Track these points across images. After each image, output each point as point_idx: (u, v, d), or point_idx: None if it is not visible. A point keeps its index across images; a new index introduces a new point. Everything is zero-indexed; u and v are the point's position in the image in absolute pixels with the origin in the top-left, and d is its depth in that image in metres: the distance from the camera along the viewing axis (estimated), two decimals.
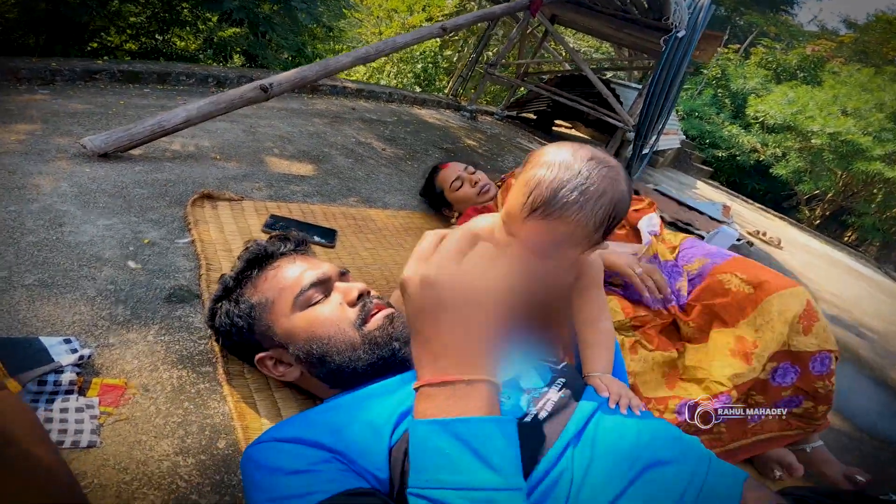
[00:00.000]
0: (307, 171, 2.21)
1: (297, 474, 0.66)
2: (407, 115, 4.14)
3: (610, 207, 0.72)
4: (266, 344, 0.95)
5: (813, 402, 1.21)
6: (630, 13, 4.27)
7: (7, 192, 1.43)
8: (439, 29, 3.32)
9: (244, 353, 1.01)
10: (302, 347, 0.91)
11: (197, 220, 1.50)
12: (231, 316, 0.96)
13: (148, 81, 3.03)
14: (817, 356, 1.17)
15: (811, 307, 1.20)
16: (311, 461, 0.67)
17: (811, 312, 1.19)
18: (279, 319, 0.93)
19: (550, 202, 0.69)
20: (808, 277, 4.11)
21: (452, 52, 8.27)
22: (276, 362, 0.96)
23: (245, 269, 1.00)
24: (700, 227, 3.63)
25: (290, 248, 1.05)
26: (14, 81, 2.50)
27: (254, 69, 4.38)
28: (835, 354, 1.19)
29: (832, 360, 1.18)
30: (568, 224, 0.70)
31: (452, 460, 0.53)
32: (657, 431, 0.74)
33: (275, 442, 0.71)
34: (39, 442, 0.47)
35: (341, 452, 0.69)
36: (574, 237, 0.72)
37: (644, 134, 4.33)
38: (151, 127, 1.90)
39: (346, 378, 0.89)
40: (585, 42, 9.92)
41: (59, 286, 1.14)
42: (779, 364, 1.18)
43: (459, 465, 0.52)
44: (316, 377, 0.94)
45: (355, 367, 0.88)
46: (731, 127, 9.79)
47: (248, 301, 0.96)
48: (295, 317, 0.92)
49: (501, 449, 0.54)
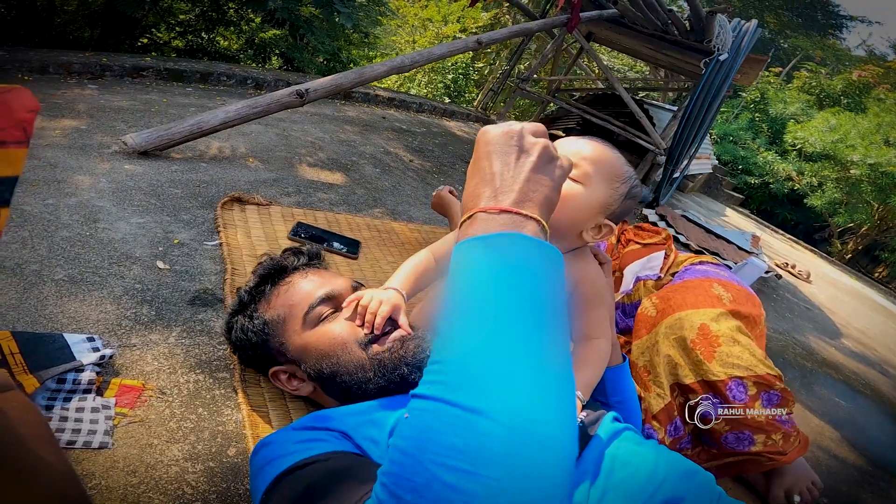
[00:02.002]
0: (335, 180, 2.25)
1: (304, 442, 0.70)
2: (436, 127, 4.17)
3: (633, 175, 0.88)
4: (280, 359, 0.97)
5: (764, 434, 1.14)
6: (670, 34, 4.22)
7: (47, 186, 1.49)
8: (475, 42, 3.34)
9: (259, 365, 1.02)
10: (313, 366, 0.92)
11: (226, 224, 1.53)
12: (246, 331, 0.98)
13: (191, 80, 3.12)
14: (730, 383, 1.12)
15: (708, 331, 1.16)
16: (319, 434, 0.72)
17: (709, 337, 1.15)
18: (291, 337, 0.94)
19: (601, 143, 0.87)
20: (834, 313, 4.00)
21: (484, 65, 8.30)
22: (290, 377, 0.98)
23: (259, 285, 1.01)
24: (727, 256, 3.56)
25: (303, 263, 1.06)
26: (66, 75, 2.60)
27: (290, 73, 4.47)
28: (751, 379, 1.12)
29: (748, 386, 1.12)
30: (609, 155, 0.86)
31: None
32: (673, 466, 0.74)
33: (287, 429, 0.76)
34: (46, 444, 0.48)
35: (348, 434, 0.72)
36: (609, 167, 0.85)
37: (676, 158, 4.27)
38: (190, 127, 1.95)
39: (356, 397, 0.90)
40: (619, 60, 9.85)
41: (88, 283, 1.18)
42: (700, 395, 1.14)
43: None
44: (328, 394, 0.95)
45: (365, 388, 0.88)
46: (766, 153, 9.58)
47: (262, 317, 0.97)
48: (306, 334, 0.93)
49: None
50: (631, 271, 1.52)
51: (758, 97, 10.76)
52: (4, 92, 0.53)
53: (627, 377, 1.03)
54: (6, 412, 0.47)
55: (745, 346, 1.15)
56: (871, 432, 2.13)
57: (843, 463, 1.73)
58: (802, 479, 1.29)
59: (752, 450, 1.15)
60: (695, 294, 1.27)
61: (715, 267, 1.48)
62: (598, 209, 0.84)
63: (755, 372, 1.13)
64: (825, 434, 1.88)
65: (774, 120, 10.44)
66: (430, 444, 0.41)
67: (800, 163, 9.26)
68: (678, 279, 1.41)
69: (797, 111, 10.22)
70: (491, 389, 0.42)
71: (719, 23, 3.74)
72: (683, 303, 1.25)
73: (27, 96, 0.54)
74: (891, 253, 9.04)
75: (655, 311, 1.30)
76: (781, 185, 9.28)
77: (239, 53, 5.89)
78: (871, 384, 2.73)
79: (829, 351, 2.95)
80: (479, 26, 7.79)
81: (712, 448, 1.20)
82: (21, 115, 0.53)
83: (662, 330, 1.23)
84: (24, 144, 0.53)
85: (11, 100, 0.53)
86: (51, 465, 0.47)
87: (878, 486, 1.70)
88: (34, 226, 1.30)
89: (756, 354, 1.15)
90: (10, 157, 0.53)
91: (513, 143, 0.57)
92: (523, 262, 0.49)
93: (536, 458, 0.40)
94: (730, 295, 1.28)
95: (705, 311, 1.21)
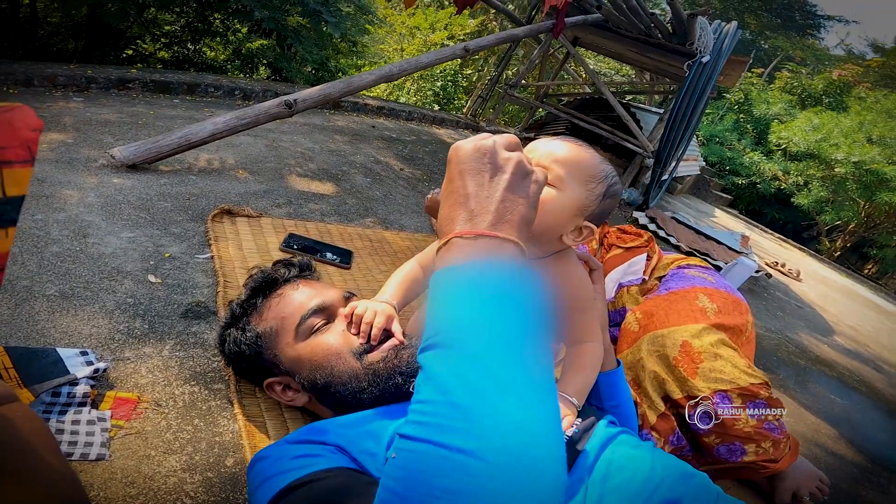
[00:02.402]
0: (326, 190, 2.25)
1: (300, 458, 0.70)
2: (426, 135, 4.18)
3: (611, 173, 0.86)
4: (274, 370, 0.97)
5: (754, 444, 1.16)
6: (654, 37, 4.28)
7: (35, 201, 1.48)
8: (462, 49, 3.36)
9: (254, 377, 1.02)
10: (307, 377, 0.93)
11: (217, 237, 1.53)
12: (239, 343, 0.98)
13: (178, 92, 3.12)
14: (715, 397, 1.13)
15: (690, 348, 1.17)
16: (315, 449, 0.72)
17: (692, 354, 1.17)
18: (284, 349, 0.95)
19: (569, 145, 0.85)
20: (825, 310, 4.05)
21: (472, 71, 8.35)
22: (285, 388, 0.98)
23: (250, 298, 1.01)
24: (717, 257, 3.60)
25: (295, 274, 1.06)
26: (51, 88, 2.59)
27: (279, 83, 4.48)
28: (735, 392, 1.14)
29: (733, 398, 1.14)
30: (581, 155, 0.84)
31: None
32: (669, 468, 0.75)
33: (282, 443, 0.75)
34: (50, 452, 0.48)
35: (345, 448, 0.72)
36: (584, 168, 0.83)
37: (664, 160, 4.31)
38: (178, 140, 1.95)
39: (351, 407, 0.90)
40: (606, 64, 9.95)
41: (80, 298, 1.17)
42: (692, 410, 1.15)
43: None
44: (322, 404, 0.96)
45: (360, 398, 0.89)
46: (752, 154, 9.70)
47: (255, 330, 0.97)
48: (298, 346, 0.94)
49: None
50: (612, 279, 1.52)
51: (742, 98, 10.90)
52: (7, 111, 0.52)
53: (622, 381, 1.04)
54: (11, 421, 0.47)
55: (727, 358, 1.17)
56: (868, 429, 2.15)
57: (842, 460, 1.75)
58: (808, 478, 1.31)
59: (744, 459, 1.16)
60: (677, 310, 1.28)
61: (702, 271, 1.48)
62: (576, 212, 0.83)
63: (738, 384, 1.14)
64: (822, 431, 1.90)
65: (759, 120, 10.57)
66: (420, 486, 0.41)
67: (785, 162, 9.38)
68: (664, 287, 1.41)
69: (780, 111, 10.36)
70: (479, 428, 0.42)
71: (700, 25, 3.80)
72: (666, 320, 1.26)
73: (30, 115, 0.54)
74: (879, 249, 9.15)
75: (638, 326, 1.31)
76: (768, 185, 9.39)
77: (226, 64, 5.88)
78: (866, 381, 2.77)
79: (821, 348, 2.99)
80: (466, 33, 7.85)
81: (707, 458, 1.21)
82: (25, 134, 0.53)
83: (645, 346, 1.24)
84: (29, 164, 0.53)
85: (15, 119, 0.53)
86: (55, 473, 0.47)
87: (878, 482, 1.72)
88: (24, 241, 1.29)
89: (739, 366, 1.16)
90: (17, 176, 0.52)
91: (485, 161, 0.56)
92: (502, 291, 0.49)
93: (529, 490, 0.41)
94: (714, 306, 1.29)
95: (686, 328, 1.22)
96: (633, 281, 1.50)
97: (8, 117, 0.52)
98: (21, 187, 0.53)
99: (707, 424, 1.14)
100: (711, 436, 1.15)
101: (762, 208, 10.14)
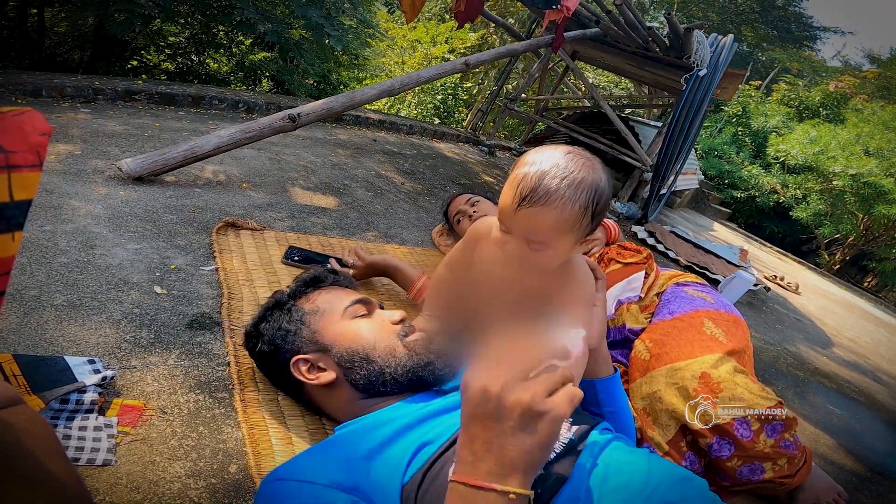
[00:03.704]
0: (328, 204, 2.28)
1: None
2: (427, 149, 4.23)
3: (591, 192, 0.82)
4: (307, 348, 1.01)
5: (771, 462, 1.19)
6: (651, 51, 4.34)
7: (44, 212, 1.51)
8: (462, 64, 3.42)
9: (278, 358, 1.03)
10: (346, 350, 0.98)
11: (221, 249, 1.56)
12: (280, 321, 1.04)
13: (183, 104, 3.16)
14: (735, 423, 1.16)
15: (709, 379, 1.20)
16: (328, 495, 0.70)
17: (711, 384, 1.19)
18: (328, 326, 1.02)
19: (536, 189, 0.79)
20: (824, 322, 4.06)
21: (472, 85, 8.43)
22: (311, 366, 1.01)
23: (301, 287, 1.11)
24: (716, 271, 3.62)
25: (340, 280, 1.17)
26: (59, 98, 2.63)
27: (282, 96, 4.54)
28: (753, 417, 1.17)
29: (751, 422, 1.17)
30: (555, 208, 0.80)
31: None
32: (665, 472, 0.76)
33: (291, 482, 0.73)
34: (55, 456, 0.49)
35: (356, 488, 0.72)
36: (563, 221, 0.82)
37: (662, 174, 4.35)
38: (184, 152, 1.99)
39: (381, 384, 0.96)
40: (605, 77, 10.04)
41: (87, 308, 1.20)
42: (711, 439, 1.18)
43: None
44: (350, 383, 0.99)
45: (394, 375, 0.95)
46: (750, 167, 9.73)
47: (301, 309, 1.05)
48: (343, 323, 1.02)
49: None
50: (611, 295, 1.54)
51: (739, 111, 10.94)
52: (17, 115, 0.52)
53: (619, 388, 1.06)
54: (15, 425, 0.48)
55: (743, 385, 1.19)
56: (867, 439, 2.16)
57: (841, 469, 1.76)
58: (826, 491, 1.33)
59: (764, 477, 1.19)
60: (689, 339, 1.30)
61: (700, 289, 1.51)
62: (573, 245, 0.88)
63: (756, 410, 1.17)
64: (821, 441, 1.91)
65: (757, 133, 10.61)
66: None
67: (783, 175, 9.40)
68: (666, 309, 1.44)
69: (778, 124, 10.38)
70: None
71: (697, 39, 3.85)
72: (680, 352, 1.28)
73: (39, 119, 0.54)
74: (878, 262, 9.16)
75: (649, 354, 1.33)
76: (767, 199, 9.41)
77: (229, 76, 5.96)
78: (865, 392, 2.77)
79: (821, 360, 3.00)
80: (467, 47, 7.94)
81: (724, 482, 1.23)
82: (34, 139, 0.53)
83: (663, 380, 1.26)
84: (37, 168, 0.53)
85: (24, 123, 0.53)
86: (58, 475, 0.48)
87: (877, 490, 1.72)
88: (32, 252, 1.32)
89: (753, 391, 1.19)
90: (25, 180, 0.52)
91: (490, 408, 0.56)
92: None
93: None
94: (721, 330, 1.33)
95: (703, 359, 1.24)
96: (632, 298, 1.52)
97: (18, 121, 0.52)
98: (29, 191, 0.53)
99: (729, 453, 1.17)
100: (734, 459, 1.18)
101: (761, 222, 10.16)
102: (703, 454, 1.21)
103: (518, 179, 0.81)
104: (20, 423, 0.49)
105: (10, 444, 0.46)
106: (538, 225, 0.82)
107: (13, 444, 0.47)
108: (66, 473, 0.49)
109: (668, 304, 1.46)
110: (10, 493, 0.44)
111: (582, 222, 0.83)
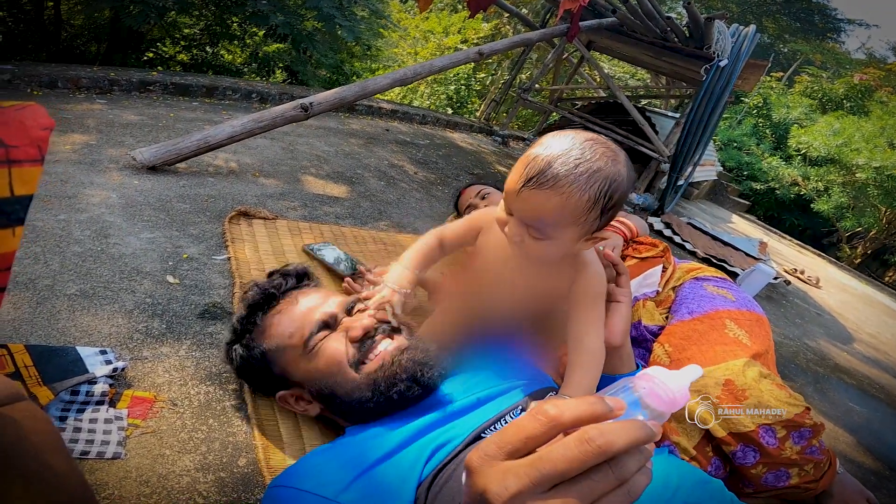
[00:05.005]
0: (340, 193, 2.27)
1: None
2: (440, 139, 4.19)
3: (605, 184, 0.73)
4: (285, 383, 0.97)
5: (798, 468, 1.16)
6: (670, 41, 4.24)
7: (58, 201, 1.51)
8: (476, 53, 3.37)
9: (265, 389, 1.02)
10: (315, 387, 0.92)
11: (234, 238, 1.55)
12: (246, 360, 0.97)
13: (197, 95, 3.16)
14: (760, 430, 1.12)
15: (734, 386, 1.15)
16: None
17: (735, 392, 1.15)
18: (290, 364, 0.94)
19: (544, 171, 0.72)
20: (845, 317, 3.97)
21: (486, 75, 8.35)
22: (297, 399, 0.98)
23: (249, 316, 0.99)
24: (735, 263, 3.55)
25: (292, 286, 1.04)
26: (74, 90, 2.64)
27: (294, 86, 4.52)
28: (780, 424, 1.13)
29: (777, 430, 1.13)
30: (560, 195, 0.72)
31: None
32: (685, 475, 0.74)
33: (299, 492, 0.70)
34: (56, 452, 0.48)
35: (365, 497, 0.69)
36: (567, 211, 0.74)
37: (680, 166, 4.27)
38: (198, 142, 1.98)
39: (361, 415, 0.89)
40: (620, 68, 9.89)
41: (100, 297, 1.19)
42: (736, 447, 1.14)
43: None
44: (334, 414, 0.95)
45: (366, 407, 0.87)
46: (771, 159, 9.53)
47: (260, 347, 0.95)
48: (305, 360, 0.92)
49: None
50: None
51: (760, 102, 10.73)
52: (19, 109, 0.52)
53: None
54: (17, 422, 0.47)
55: (768, 392, 1.16)
56: (887, 436, 2.11)
57: (860, 467, 1.72)
58: (855, 496, 1.30)
59: (790, 483, 1.17)
60: (710, 342, 1.25)
61: (720, 284, 1.46)
62: (576, 240, 0.80)
63: (782, 417, 1.13)
64: (840, 439, 1.86)
65: (778, 125, 10.40)
66: None
67: (805, 167, 9.20)
68: (684, 307, 1.39)
69: (800, 116, 10.18)
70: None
71: (718, 29, 3.76)
72: (703, 357, 1.23)
73: (42, 113, 0.54)
74: None
75: (669, 359, 1.29)
76: (787, 191, 9.22)
77: (243, 67, 5.97)
78: (886, 389, 2.71)
79: (841, 356, 2.93)
80: (480, 37, 7.86)
81: (747, 488, 1.20)
82: (36, 133, 0.52)
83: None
84: (38, 163, 0.53)
85: (26, 117, 0.52)
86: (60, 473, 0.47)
87: (891, 488, 1.68)
88: (46, 241, 1.32)
89: (780, 397, 1.15)
90: (26, 175, 0.52)
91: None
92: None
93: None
94: (744, 331, 1.28)
95: (728, 366, 1.19)
96: (648, 293, 1.48)
97: (20, 115, 0.52)
98: (29, 186, 0.52)
99: (754, 460, 1.14)
100: (758, 466, 1.15)
101: (781, 214, 9.96)
102: (727, 460, 1.18)
103: (529, 158, 0.75)
104: (21, 420, 0.48)
105: (10, 441, 0.45)
106: (539, 210, 0.74)
107: (14, 440, 0.46)
108: (67, 470, 0.48)
109: (686, 301, 1.42)
110: (10, 490, 0.43)
111: (588, 215, 0.75)
